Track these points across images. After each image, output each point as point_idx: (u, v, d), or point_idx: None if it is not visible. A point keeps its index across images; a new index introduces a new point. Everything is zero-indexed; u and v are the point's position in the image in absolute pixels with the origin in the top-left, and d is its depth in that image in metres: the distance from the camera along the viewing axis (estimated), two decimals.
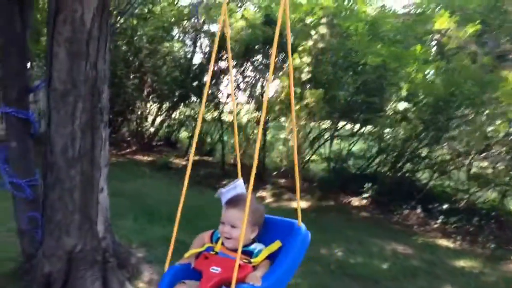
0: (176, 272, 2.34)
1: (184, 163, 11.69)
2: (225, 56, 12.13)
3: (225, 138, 11.71)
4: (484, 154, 7.54)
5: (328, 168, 10.32)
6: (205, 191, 9.25)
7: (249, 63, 11.63)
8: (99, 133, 3.95)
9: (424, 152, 8.52)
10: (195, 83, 12.82)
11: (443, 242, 7.03)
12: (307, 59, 8.21)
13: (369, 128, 9.93)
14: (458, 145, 7.53)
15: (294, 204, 8.64)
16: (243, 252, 2.17)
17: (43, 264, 3.97)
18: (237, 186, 2.58)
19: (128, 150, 12.38)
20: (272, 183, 9.86)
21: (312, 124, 9.68)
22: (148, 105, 13.30)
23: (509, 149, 7.34)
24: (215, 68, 12.46)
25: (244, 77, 11.74)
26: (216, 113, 12.07)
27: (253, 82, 11.83)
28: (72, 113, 3.76)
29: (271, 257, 2.28)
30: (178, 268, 2.36)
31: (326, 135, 10.48)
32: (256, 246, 2.31)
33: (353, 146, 10.37)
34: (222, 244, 2.34)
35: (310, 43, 8.28)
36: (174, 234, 2.39)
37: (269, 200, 8.92)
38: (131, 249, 5.13)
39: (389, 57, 6.72)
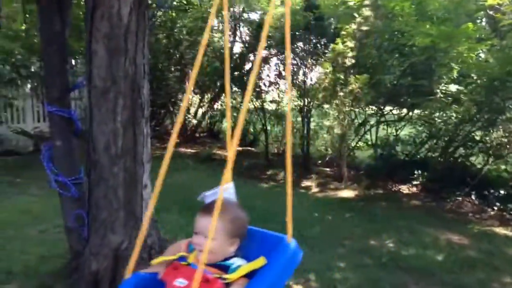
0: (139, 281, 1.94)
1: (225, 154, 11.63)
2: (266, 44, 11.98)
3: (268, 127, 11.55)
4: None
5: (374, 155, 10.02)
6: (249, 182, 9.17)
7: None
8: (141, 129, 3.87)
9: (477, 135, 8.10)
10: (236, 73, 12.75)
11: (501, 231, 6.66)
12: (350, 43, 7.92)
13: (417, 112, 9.58)
14: None
15: (340, 194, 8.43)
16: (218, 267, 1.85)
17: (90, 261, 3.95)
18: (225, 190, 2.10)
19: None
20: (317, 172, 9.66)
21: (357, 110, 9.41)
22: (190, 96, 13.32)
23: None
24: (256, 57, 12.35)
25: (285, 65, 11.52)
26: (258, 102, 11.95)
27: (295, 69, 11.63)
28: (113, 110, 3.70)
29: (252, 276, 1.86)
30: (142, 276, 1.97)
31: (372, 121, 10.18)
32: (234, 261, 1.90)
33: (400, 132, 10.03)
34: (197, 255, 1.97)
35: (353, 26, 7.99)
36: (143, 233, 1.96)
37: (314, 190, 8.74)
38: None
39: (439, 37, 6.35)
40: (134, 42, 3.68)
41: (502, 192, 7.73)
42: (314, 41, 10.87)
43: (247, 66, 12.76)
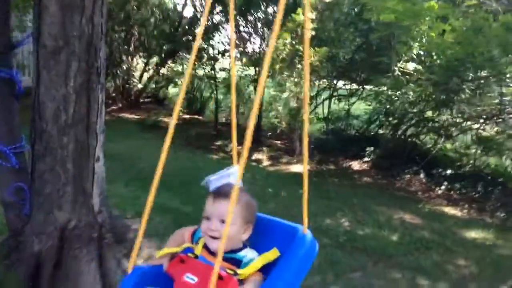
0: (143, 275, 1.79)
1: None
2: (218, 10, 11.49)
3: (220, 96, 11.19)
4: (494, 119, 7.19)
5: (325, 129, 9.96)
6: (197, 152, 8.85)
7: (243, 18, 11.05)
8: (96, 96, 3.44)
9: (430, 115, 8.15)
10: (185, 38, 12.21)
11: (450, 210, 6.78)
12: (311, 14, 7.64)
13: (369, 88, 9.55)
14: (469, 108, 7.16)
15: (292, 168, 8.29)
16: (229, 260, 1.70)
17: (31, 241, 3.52)
18: (231, 175, 1.96)
19: (113, 107, 11.77)
20: (268, 145, 9.46)
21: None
22: (135, 60, 12.63)
23: None
24: (208, 22, 11.85)
25: (239, 32, 11.14)
26: (208, 69, 11.53)
27: (248, 38, 11.28)
28: (65, 74, 3.24)
29: (265, 270, 1.73)
30: (145, 270, 1.82)
31: (324, 95, 10.08)
32: (246, 254, 1.75)
33: (351, 107, 10.01)
34: (205, 246, 1.80)
35: None
36: (143, 225, 1.80)
37: (266, 163, 8.55)
38: (126, 220, 4.75)
39: (404, 13, 6.20)
40: None
41: (449, 171, 7.86)
42: (269, 9, 10.57)
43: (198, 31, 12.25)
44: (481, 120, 7.36)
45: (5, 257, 3.64)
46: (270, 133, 10.05)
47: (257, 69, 10.17)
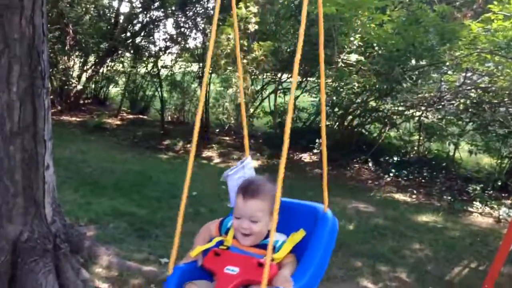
0: (183, 273, 1.89)
1: (118, 122, 10.87)
2: (156, 4, 11.24)
3: (165, 94, 10.96)
4: (435, 106, 7.47)
5: (272, 123, 9.99)
6: (146, 153, 8.64)
7: (182, 14, 10.87)
8: (41, 102, 3.26)
9: (374, 104, 8.35)
10: (123, 35, 11.87)
11: (400, 197, 6.99)
12: (253, 8, 7.62)
13: (313, 80, 9.66)
14: (411, 97, 7.39)
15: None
16: (262, 246, 1.82)
17: None
18: (245, 166, 2.16)
19: (53, 110, 11.22)
20: (217, 141, 9.39)
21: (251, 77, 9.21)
22: (72, 60, 12.12)
23: (460, 100, 7.32)
24: (147, 18, 11.60)
25: (179, 28, 10.95)
26: (150, 67, 11.28)
27: (187, 33, 11.09)
28: (7, 79, 3.05)
29: (294, 249, 1.90)
30: (184, 268, 1.91)
31: (269, 89, 10.11)
32: (276, 237, 1.87)
33: (296, 100, 10.07)
34: (234, 237, 1.92)
35: None
36: (178, 230, 1.83)
37: (216, 160, 8.47)
38: (80, 227, 4.54)
39: (346, 5, 6.30)
40: None
41: (395, 158, 8.09)
42: (209, 4, 10.45)
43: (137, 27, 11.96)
44: (423, 108, 7.62)
45: None
46: (218, 130, 9.98)
47: (200, 65, 10.04)
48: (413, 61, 7.17)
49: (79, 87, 11.77)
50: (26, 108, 3.17)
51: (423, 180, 7.56)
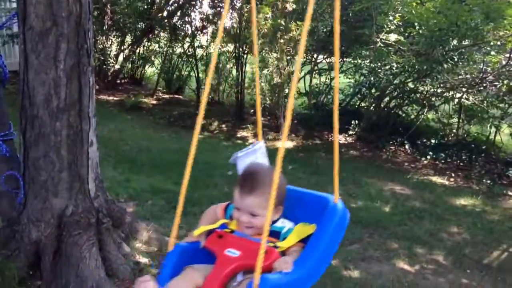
0: (183, 252, 1.85)
1: (154, 102, 11.01)
2: None
3: (200, 74, 11.01)
4: (476, 87, 7.27)
5: (306, 104, 9.93)
6: (181, 132, 8.74)
7: None
8: (87, 79, 3.34)
9: (412, 86, 8.18)
10: (160, 15, 11.93)
11: (438, 180, 6.87)
12: None
13: (350, 61, 9.53)
14: (451, 78, 7.21)
15: (279, 144, 8.27)
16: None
17: (29, 229, 3.44)
18: (257, 150, 2.07)
19: None
20: (252, 122, 9.40)
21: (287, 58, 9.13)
22: (109, 39, 12.28)
23: (503, 81, 7.10)
24: None
25: (215, 8, 10.94)
26: (186, 47, 11.33)
27: (222, 11, 11.05)
28: (55, 56, 3.12)
29: (304, 240, 1.82)
30: (185, 247, 1.87)
31: (305, 70, 10.03)
32: (283, 224, 1.85)
33: (331, 81, 9.98)
34: None
35: None
36: (180, 205, 1.80)
37: (251, 140, 8.50)
38: (120, 203, 4.66)
39: None
40: None
41: (433, 141, 7.95)
42: None
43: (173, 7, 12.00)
44: (464, 89, 7.42)
45: (2, 247, 3.55)
46: (253, 110, 9.99)
47: (237, 45, 10.01)
48: (455, 41, 6.97)
49: (117, 66, 11.93)
50: (72, 85, 3.25)
51: (461, 163, 7.41)
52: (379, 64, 7.77)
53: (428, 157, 7.63)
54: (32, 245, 3.42)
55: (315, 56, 9.90)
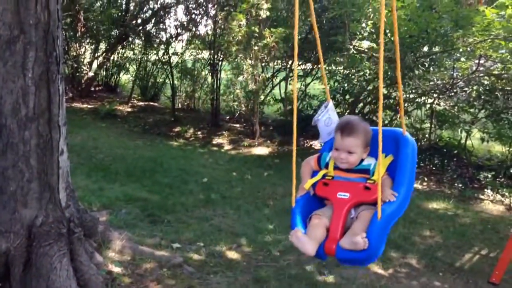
0: (303, 202, 2.27)
1: (129, 109, 10.93)
2: None
3: (175, 81, 10.97)
4: (447, 93, 7.41)
5: (282, 111, 9.98)
6: (156, 140, 8.69)
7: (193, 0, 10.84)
8: (56, 87, 3.29)
9: (385, 92, 8.28)
10: (134, 22, 11.87)
11: None
12: None
13: (324, 67, 9.61)
14: (423, 84, 7.34)
15: (254, 151, 8.29)
16: (360, 171, 2.22)
17: None
18: (329, 109, 2.47)
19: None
20: (228, 128, 9.40)
21: (263, 64, 9.17)
22: (83, 47, 12.15)
23: (472, 87, 7.26)
24: (158, 5, 11.59)
25: (190, 15, 10.93)
26: (160, 54, 11.29)
27: (199, 20, 11.07)
28: (22, 65, 3.08)
29: (386, 171, 2.23)
30: (303, 199, 2.28)
31: (280, 76, 10.09)
32: (369, 161, 2.25)
33: (307, 87, 10.06)
34: (335, 168, 2.28)
35: None
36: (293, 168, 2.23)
37: (227, 147, 8.50)
38: (93, 213, 4.60)
39: None
40: None
41: None
42: None
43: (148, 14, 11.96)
44: (435, 95, 7.56)
45: None
46: (228, 117, 10.00)
47: (211, 52, 10.02)
48: (426, 48, 7.10)
49: (90, 74, 11.82)
50: (41, 94, 3.20)
51: (434, 168, 7.53)
52: (352, 70, 7.86)
53: None
54: (1, 257, 3.34)
55: (289, 62, 9.97)
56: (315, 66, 10.11)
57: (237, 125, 9.86)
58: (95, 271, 3.59)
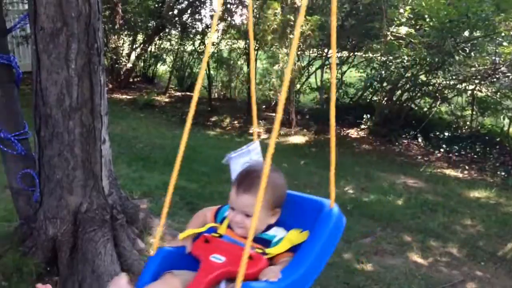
0: (166, 257, 1.75)
1: (167, 99, 11.08)
2: None
3: (211, 71, 11.05)
4: (489, 79, 7.21)
5: (317, 99, 9.93)
6: (193, 129, 8.76)
7: None
8: (98, 78, 3.38)
9: (424, 78, 8.13)
10: (170, 13, 11.98)
11: (451, 172, 6.84)
12: None
13: (360, 55, 9.50)
14: (463, 70, 7.16)
15: (291, 140, 8.30)
16: (259, 240, 1.65)
17: (46, 226, 3.51)
18: (252, 151, 1.93)
19: None
20: (264, 118, 9.42)
21: (298, 53, 9.13)
22: (121, 39, 12.36)
23: None
24: None
25: (225, 4, 10.94)
26: (197, 44, 11.38)
27: (234, 9, 11.08)
28: (66, 56, 3.17)
29: (293, 250, 1.68)
30: (169, 251, 1.76)
31: (316, 65, 10.02)
32: (275, 233, 1.71)
33: (343, 75, 9.96)
34: (229, 226, 1.75)
35: None
36: (166, 207, 1.74)
37: (264, 136, 8.52)
38: (134, 200, 4.72)
39: None
40: None
41: (446, 134, 7.90)
42: None
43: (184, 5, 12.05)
44: (476, 81, 7.37)
45: (20, 244, 3.63)
46: (264, 106, 10.01)
47: (247, 41, 10.03)
48: (466, 33, 6.92)
49: (129, 65, 12.02)
50: (84, 85, 3.29)
51: (475, 156, 7.36)
52: (390, 57, 7.74)
53: (442, 150, 7.59)
54: (49, 242, 3.48)
55: (325, 50, 9.88)
56: (352, 53, 10.01)
57: (273, 114, 9.85)
58: (137, 256, 3.68)
